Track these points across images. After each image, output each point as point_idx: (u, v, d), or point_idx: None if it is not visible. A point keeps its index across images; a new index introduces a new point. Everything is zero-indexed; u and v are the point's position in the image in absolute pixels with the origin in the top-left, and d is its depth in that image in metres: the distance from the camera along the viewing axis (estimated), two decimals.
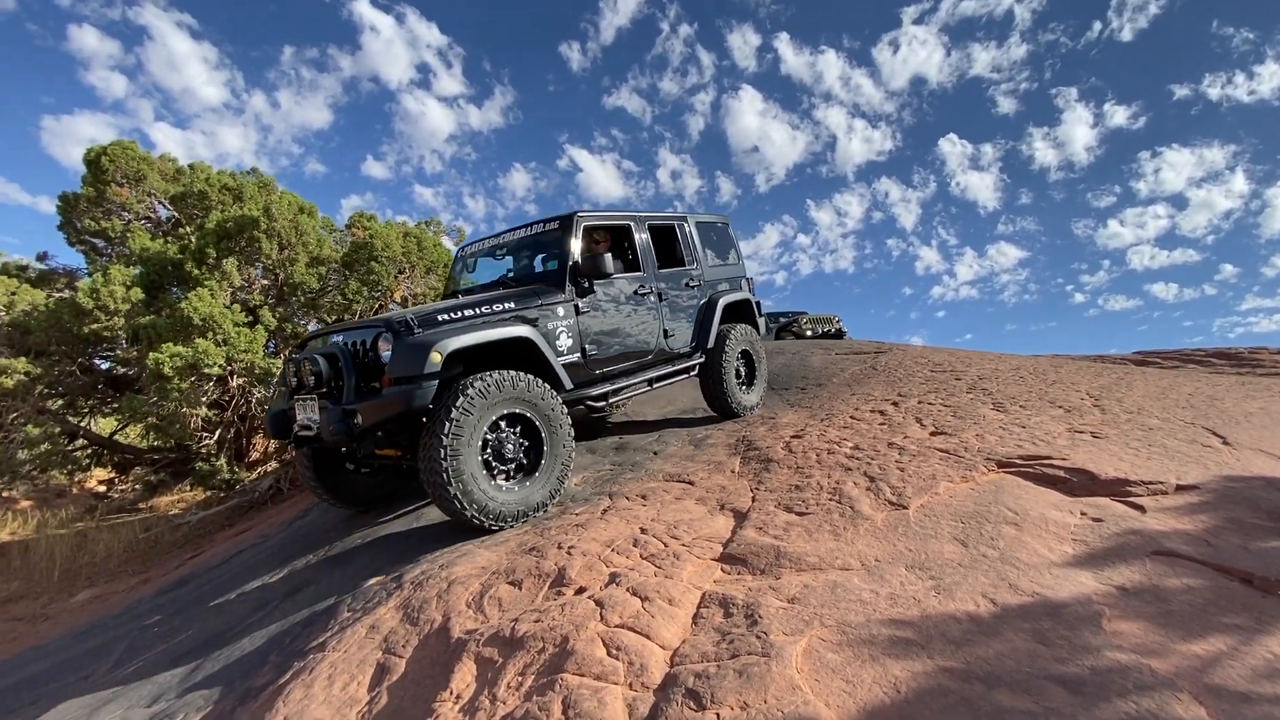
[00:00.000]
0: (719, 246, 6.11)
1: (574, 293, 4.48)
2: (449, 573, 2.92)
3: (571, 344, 4.40)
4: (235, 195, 8.10)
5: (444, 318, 3.89)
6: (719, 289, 5.83)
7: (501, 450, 3.61)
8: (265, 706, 2.32)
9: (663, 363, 5.17)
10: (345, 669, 2.42)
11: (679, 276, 5.48)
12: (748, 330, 5.92)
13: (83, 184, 8.99)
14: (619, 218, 5.18)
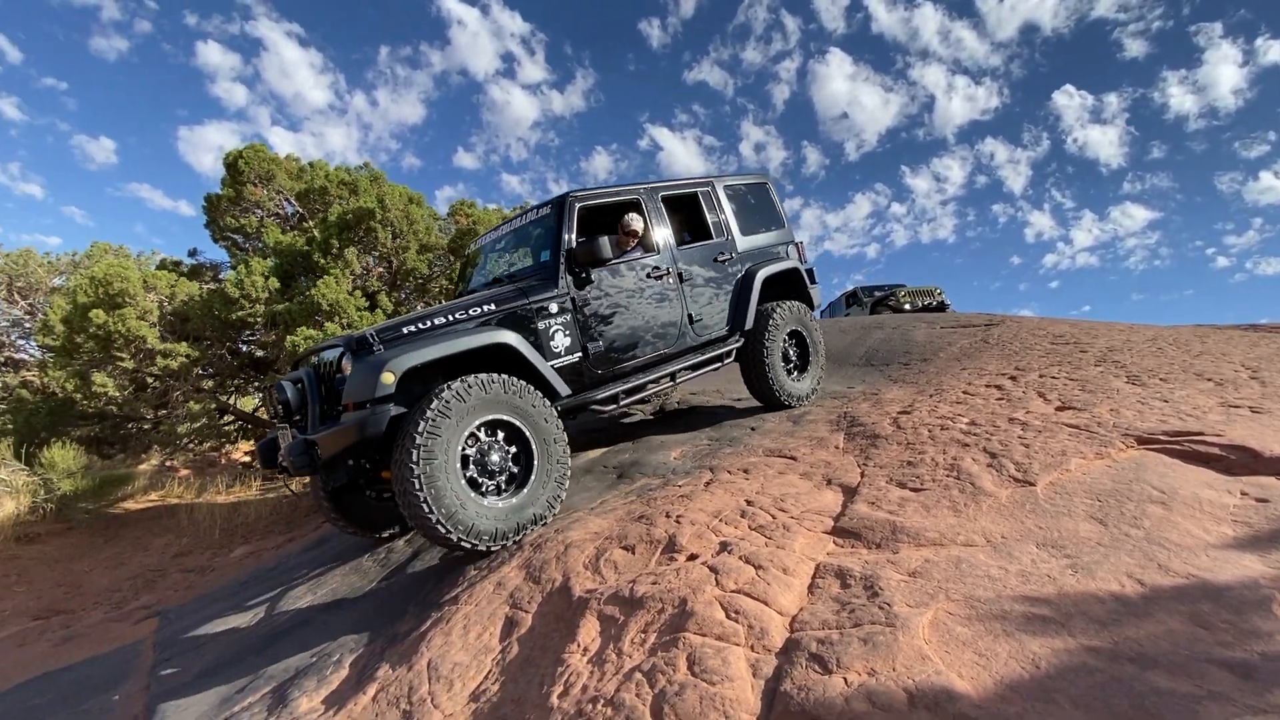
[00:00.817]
0: (757, 211, 5.39)
1: (570, 285, 3.98)
2: (564, 537, 3.08)
3: (570, 343, 3.93)
4: (351, 189, 8.72)
5: (410, 329, 3.49)
6: (758, 261, 5.15)
7: (486, 462, 3.23)
8: (411, 649, 2.57)
9: (689, 352, 4.61)
10: (478, 620, 2.62)
11: (706, 251, 4.84)
12: (796, 307, 5.22)
13: (222, 185, 9.98)
14: (624, 193, 4.56)
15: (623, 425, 6.16)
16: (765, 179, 5.66)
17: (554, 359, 3.83)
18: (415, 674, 2.38)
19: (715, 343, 4.80)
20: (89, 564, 6.86)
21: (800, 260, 5.56)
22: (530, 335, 3.75)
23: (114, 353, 6.49)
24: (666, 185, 4.86)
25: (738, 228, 5.12)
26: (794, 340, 5.30)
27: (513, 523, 3.21)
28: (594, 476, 4.58)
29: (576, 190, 4.29)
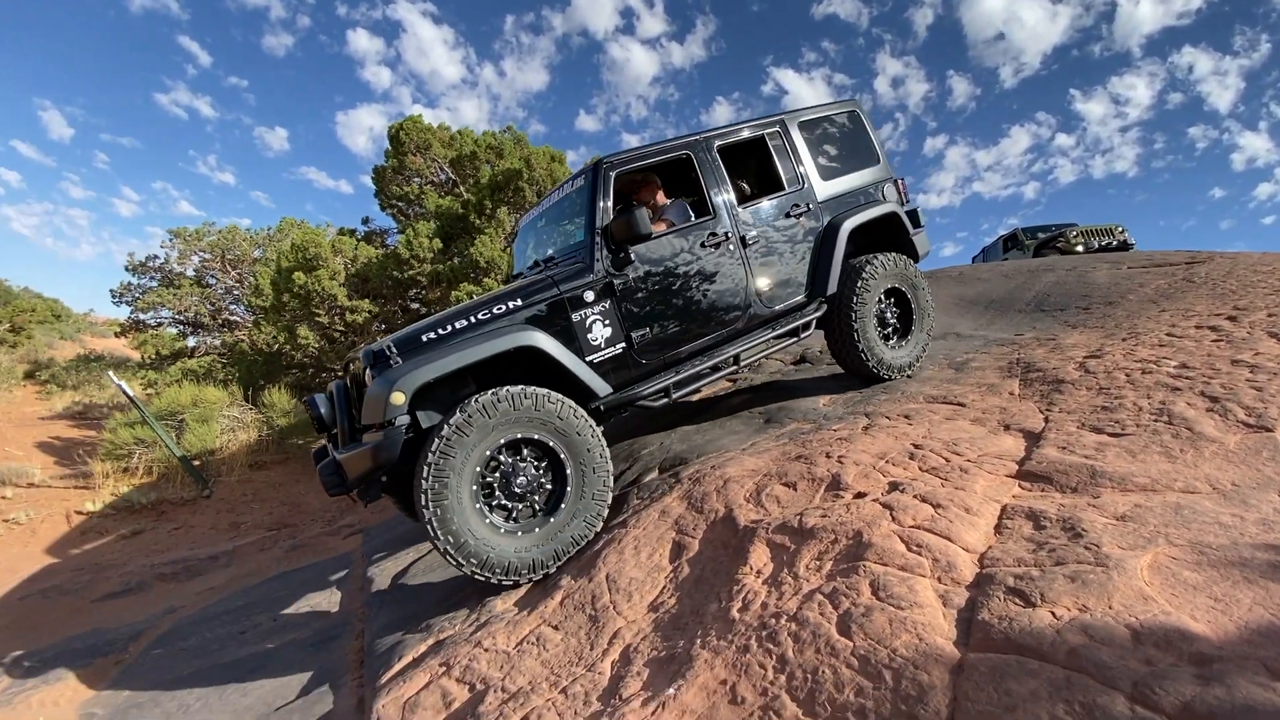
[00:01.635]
0: (844, 147, 4.62)
1: (607, 267, 3.50)
2: (722, 472, 3.16)
3: (611, 333, 3.50)
4: (497, 152, 9.20)
5: (429, 337, 3.16)
6: (843, 209, 4.40)
7: (510, 488, 2.93)
8: (589, 565, 2.80)
9: (758, 327, 4.03)
10: (647, 543, 2.79)
11: (775, 206, 4.15)
12: (895, 260, 4.43)
13: (385, 157, 10.96)
14: (667, 150, 3.88)
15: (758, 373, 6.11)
16: (854, 107, 4.80)
17: (593, 353, 3.44)
18: (596, 585, 2.60)
19: (791, 313, 4.17)
20: (304, 488, 8.12)
21: (900, 201, 4.72)
22: (563, 330, 3.36)
23: (312, 309, 7.48)
24: (724, 132, 4.14)
25: (817, 172, 4.39)
26: (892, 300, 4.52)
27: (532, 556, 2.89)
28: (740, 421, 4.62)
29: (613, 154, 3.76)
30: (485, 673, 2.29)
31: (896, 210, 4.59)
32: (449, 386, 3.16)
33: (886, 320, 4.50)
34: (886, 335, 4.51)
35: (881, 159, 4.75)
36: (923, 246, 4.75)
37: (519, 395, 2.92)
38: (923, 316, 4.64)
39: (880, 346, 4.38)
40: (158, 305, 14.53)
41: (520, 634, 2.49)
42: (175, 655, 3.84)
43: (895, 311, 4.55)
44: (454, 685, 2.29)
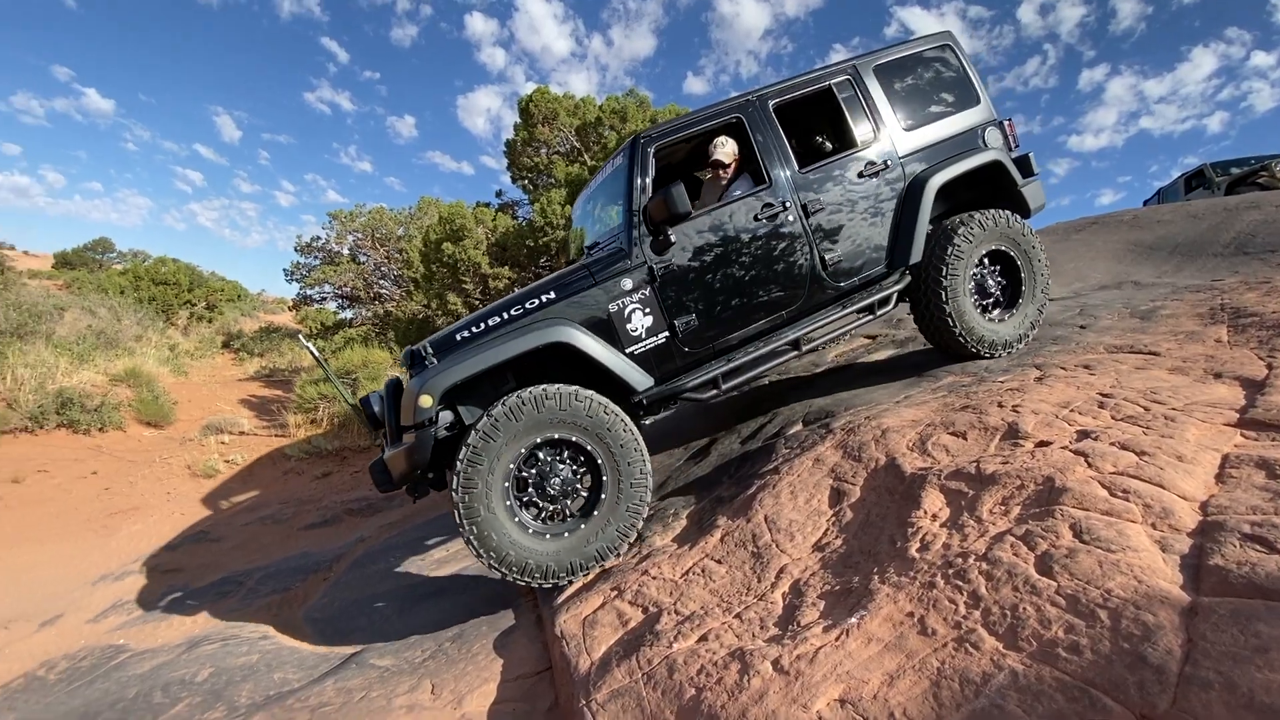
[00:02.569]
0: (934, 89, 4.03)
1: (645, 251, 3.30)
2: (878, 423, 3.07)
3: (652, 323, 3.31)
4: (620, 116, 9.29)
5: (464, 335, 3.15)
6: (932, 162, 3.84)
7: (545, 490, 2.89)
8: (744, 507, 2.86)
9: (826, 306, 3.65)
10: (803, 489, 2.80)
11: (846, 166, 3.69)
12: (996, 218, 3.82)
13: (515, 130, 11.43)
14: (718, 113, 3.59)
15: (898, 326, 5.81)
16: (946, 41, 4.14)
17: (634, 344, 3.28)
18: (755, 525, 2.66)
19: (867, 287, 3.74)
20: None
21: (1007, 147, 4.08)
22: (599, 322, 3.23)
23: (459, 277, 8.07)
24: (782, 89, 3.72)
25: (899, 121, 3.86)
26: (996, 266, 3.93)
27: (566, 560, 2.84)
28: (887, 376, 4.45)
29: (653, 128, 3.51)
30: (656, 597, 2.44)
31: (1000, 158, 3.92)
32: (490, 383, 3.17)
33: (988, 289, 3.88)
34: (985, 306, 3.89)
35: (983, 98, 4.09)
36: (1035, 200, 4.07)
37: (542, 396, 2.83)
38: (1034, 283, 3.94)
39: (977, 319, 3.77)
40: (321, 281, 16.33)
41: (684, 566, 2.62)
42: (369, 575, 4.42)
43: (1000, 280, 3.93)
44: (627, 607, 2.47)
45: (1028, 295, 3.94)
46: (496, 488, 2.77)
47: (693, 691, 1.80)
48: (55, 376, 8.72)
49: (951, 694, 1.44)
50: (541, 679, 2.50)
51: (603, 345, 3.15)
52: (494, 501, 2.75)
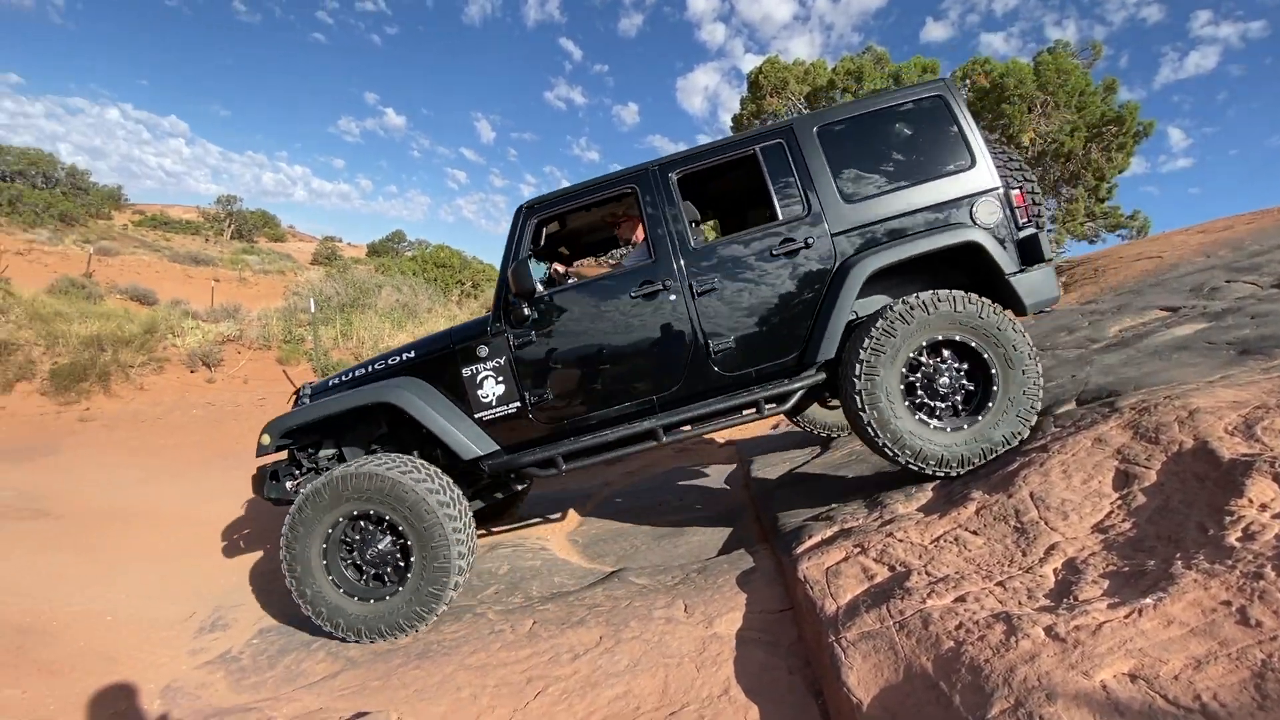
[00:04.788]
0: (907, 150, 3.29)
1: (507, 319, 3.31)
2: (1184, 403, 2.65)
3: (504, 392, 3.30)
4: (856, 77, 8.82)
5: (336, 381, 3.62)
6: (881, 240, 3.21)
7: (364, 556, 3.13)
8: (1004, 483, 2.71)
9: (710, 394, 3.27)
10: (1079, 470, 2.56)
11: (750, 245, 3.27)
12: (942, 301, 2.99)
13: (741, 105, 11.50)
14: (609, 184, 3.39)
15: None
16: (939, 92, 3.38)
17: (484, 410, 3.31)
18: (1017, 501, 2.52)
19: (768, 380, 3.28)
20: None
21: (1011, 223, 3.20)
22: (451, 385, 3.35)
23: None
24: (690, 155, 3.40)
25: (839, 192, 3.27)
26: (955, 357, 3.09)
27: (380, 623, 3.10)
28: (1194, 353, 3.74)
29: (539, 198, 3.45)
30: (903, 558, 2.47)
31: (978, 239, 3.12)
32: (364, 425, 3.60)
33: (938, 388, 3.10)
34: (937, 410, 3.11)
35: (980, 161, 3.25)
36: (1034, 294, 3.19)
37: (349, 474, 3.09)
38: (1009, 384, 3.01)
39: (912, 427, 3.03)
40: None
41: (934, 533, 2.59)
42: (617, 511, 5.03)
43: (962, 378, 3.10)
44: (872, 563, 2.53)
45: (999, 399, 3.02)
46: (318, 558, 3.10)
47: (951, 644, 1.83)
48: (383, 338, 11.17)
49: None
50: (783, 617, 2.70)
51: (443, 408, 3.29)
52: (318, 570, 3.10)
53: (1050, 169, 7.81)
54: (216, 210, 35.74)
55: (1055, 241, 8.45)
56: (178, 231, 32.70)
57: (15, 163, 28.23)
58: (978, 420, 3.02)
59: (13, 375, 9.01)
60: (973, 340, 3.02)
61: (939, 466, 3.02)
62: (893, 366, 3.02)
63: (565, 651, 2.66)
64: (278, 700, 2.67)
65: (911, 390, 3.10)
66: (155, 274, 21.73)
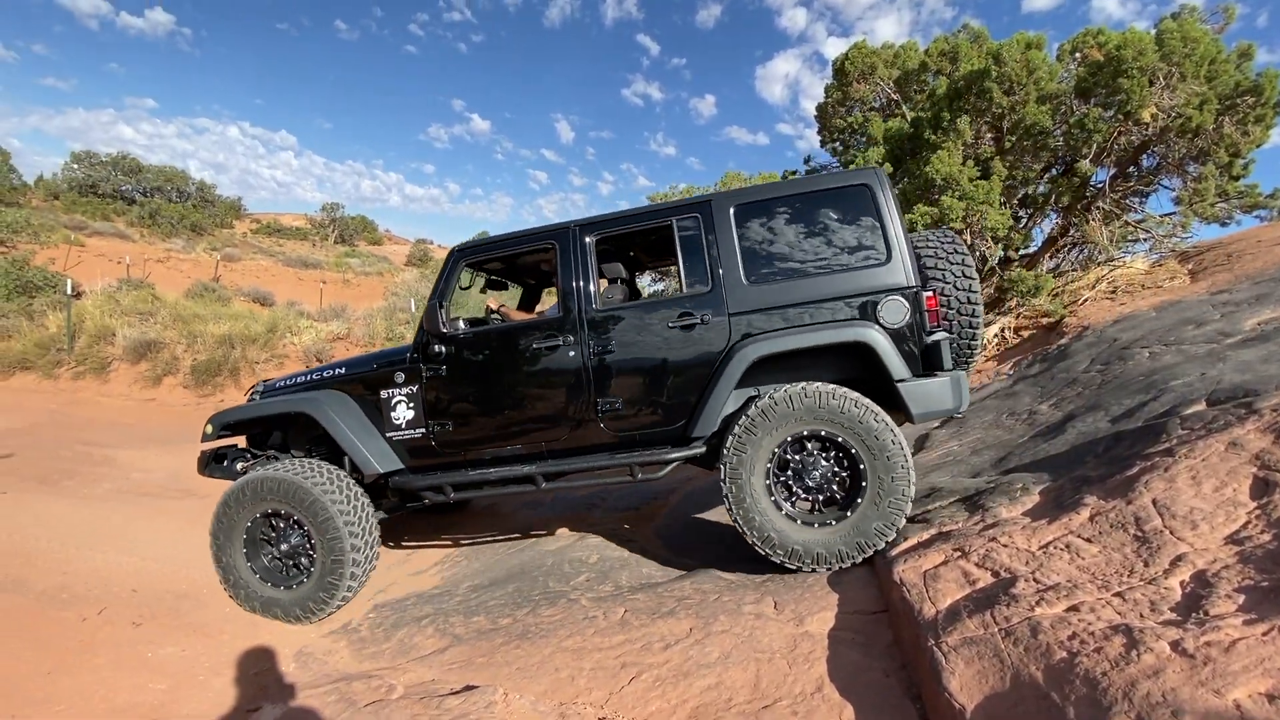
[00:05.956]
0: (823, 237, 3.25)
1: (423, 352, 3.59)
2: None
3: (412, 418, 3.59)
4: (950, 58, 8.39)
5: (283, 384, 3.99)
6: (777, 326, 3.18)
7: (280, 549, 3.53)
8: (1122, 489, 2.55)
9: (598, 450, 3.44)
10: (1210, 475, 2.38)
11: (652, 313, 3.39)
12: (807, 395, 2.99)
13: (826, 93, 11.16)
14: (531, 237, 3.65)
15: None
16: (866, 181, 3.26)
17: (394, 431, 3.63)
18: (1137, 508, 2.37)
19: (649, 444, 3.38)
20: None
21: (917, 326, 3.06)
22: (371, 404, 3.67)
23: None
24: (611, 220, 3.53)
25: (743, 272, 3.26)
26: (825, 452, 3.06)
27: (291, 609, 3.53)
28: None
29: (469, 243, 3.76)
30: (1008, 564, 2.38)
31: (868, 339, 3.03)
32: (292, 427, 3.99)
33: (809, 482, 3.08)
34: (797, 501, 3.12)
35: (896, 259, 3.13)
36: (922, 403, 3.02)
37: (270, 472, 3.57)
38: (879, 480, 2.94)
39: (777, 521, 3.04)
40: None
41: (1042, 539, 2.48)
42: (701, 507, 5.08)
43: (834, 470, 3.06)
44: (973, 569, 2.46)
45: (869, 494, 2.96)
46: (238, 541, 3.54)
47: (1063, 654, 1.76)
48: None
49: None
50: (877, 619, 2.66)
51: (358, 424, 3.62)
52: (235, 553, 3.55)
53: (1175, 146, 7.13)
54: (321, 217, 38.55)
55: (1165, 241, 7.71)
56: (289, 237, 35.55)
57: (154, 180, 31.63)
58: (847, 516, 3.00)
59: (161, 371, 10.17)
60: (839, 435, 2.99)
61: (806, 562, 3.03)
62: (758, 462, 3.06)
63: (656, 640, 2.74)
64: (395, 670, 2.91)
65: (784, 484, 3.12)
66: (272, 277, 23.77)
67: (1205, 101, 6.22)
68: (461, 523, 5.40)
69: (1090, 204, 7.67)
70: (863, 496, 2.97)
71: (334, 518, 3.38)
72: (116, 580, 3.81)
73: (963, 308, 3.30)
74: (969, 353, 3.39)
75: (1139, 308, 6.25)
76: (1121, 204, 7.90)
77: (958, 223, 6.41)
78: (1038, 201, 7.89)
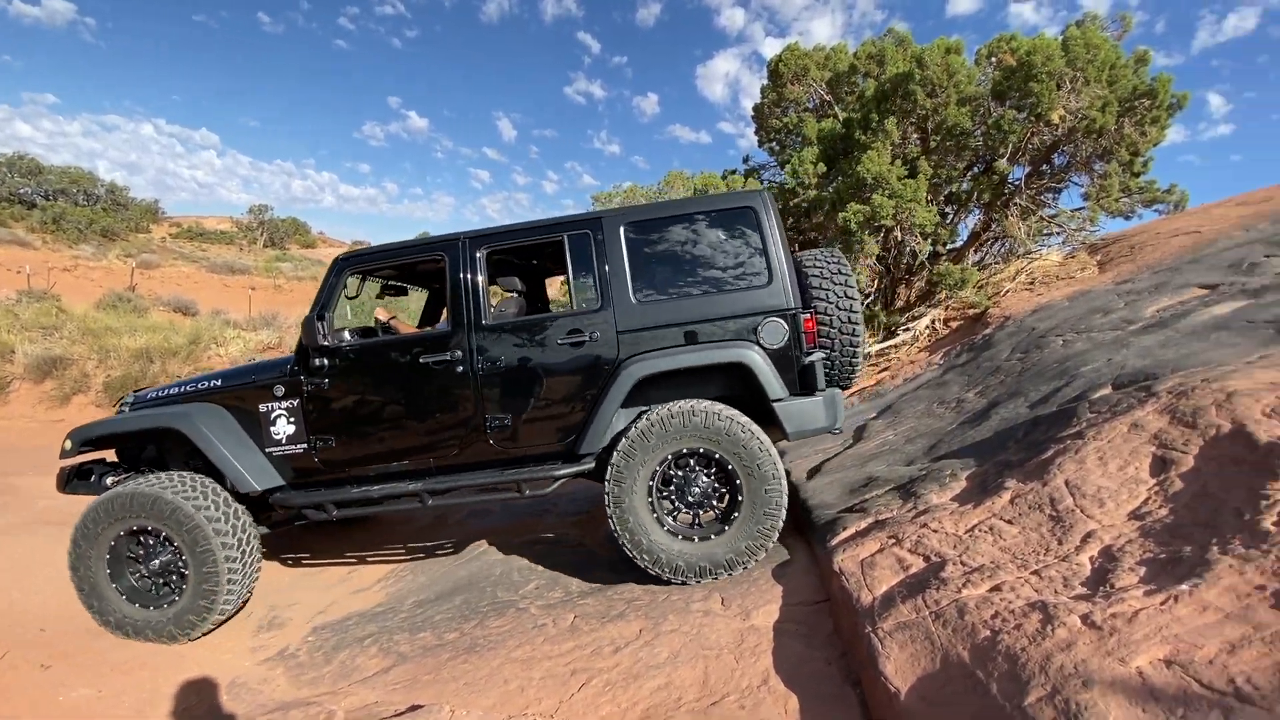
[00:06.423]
0: (710, 258, 3.33)
1: (304, 365, 3.45)
2: (1221, 386, 2.62)
3: (294, 432, 3.47)
4: (877, 61, 8.71)
5: (153, 396, 3.79)
6: (663, 343, 3.24)
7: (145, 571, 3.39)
8: (1038, 472, 2.71)
9: (488, 466, 3.40)
10: (1114, 455, 2.55)
11: (543, 329, 3.37)
12: (689, 413, 3.07)
13: (762, 93, 11.39)
14: (421, 248, 3.57)
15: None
16: (750, 204, 3.34)
17: (274, 446, 3.50)
18: (1052, 489, 2.52)
19: (537, 461, 3.38)
20: None
21: (795, 347, 3.19)
22: (249, 417, 3.52)
23: None
24: (503, 233, 3.49)
25: (632, 290, 3.30)
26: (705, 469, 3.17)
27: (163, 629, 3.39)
28: (1234, 333, 3.67)
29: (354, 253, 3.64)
30: (938, 548, 2.49)
31: (745, 360, 3.13)
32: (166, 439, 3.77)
33: (690, 498, 3.19)
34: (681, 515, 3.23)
35: (778, 281, 3.24)
36: (796, 421, 3.16)
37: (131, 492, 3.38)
38: (755, 496, 3.07)
39: (656, 535, 3.13)
40: None
41: (968, 523, 2.61)
42: None
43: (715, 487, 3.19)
44: (907, 554, 2.56)
45: (744, 510, 3.08)
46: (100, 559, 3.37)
47: (987, 633, 1.86)
48: None
49: None
50: (819, 609, 2.75)
51: (234, 439, 3.48)
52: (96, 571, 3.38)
53: (1082, 145, 7.62)
54: (249, 219, 36.71)
55: (1076, 235, 8.24)
56: (213, 241, 33.71)
57: (57, 181, 29.36)
58: (725, 530, 3.11)
59: (69, 389, 9.46)
60: (717, 452, 3.09)
61: (689, 576, 3.11)
62: (640, 478, 3.13)
63: (607, 644, 2.75)
64: (335, 694, 2.81)
65: (666, 499, 3.21)
66: (195, 284, 22.48)
67: (1107, 104, 6.68)
68: (405, 535, 5.25)
69: (1009, 200, 8.12)
70: (739, 511, 3.09)
71: (206, 533, 3.27)
72: (22, 620, 3.53)
73: (844, 327, 3.41)
74: (851, 370, 3.51)
75: (1054, 298, 6.66)
76: (1037, 200, 8.39)
77: (888, 220, 6.67)
78: (961, 199, 8.29)
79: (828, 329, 3.40)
